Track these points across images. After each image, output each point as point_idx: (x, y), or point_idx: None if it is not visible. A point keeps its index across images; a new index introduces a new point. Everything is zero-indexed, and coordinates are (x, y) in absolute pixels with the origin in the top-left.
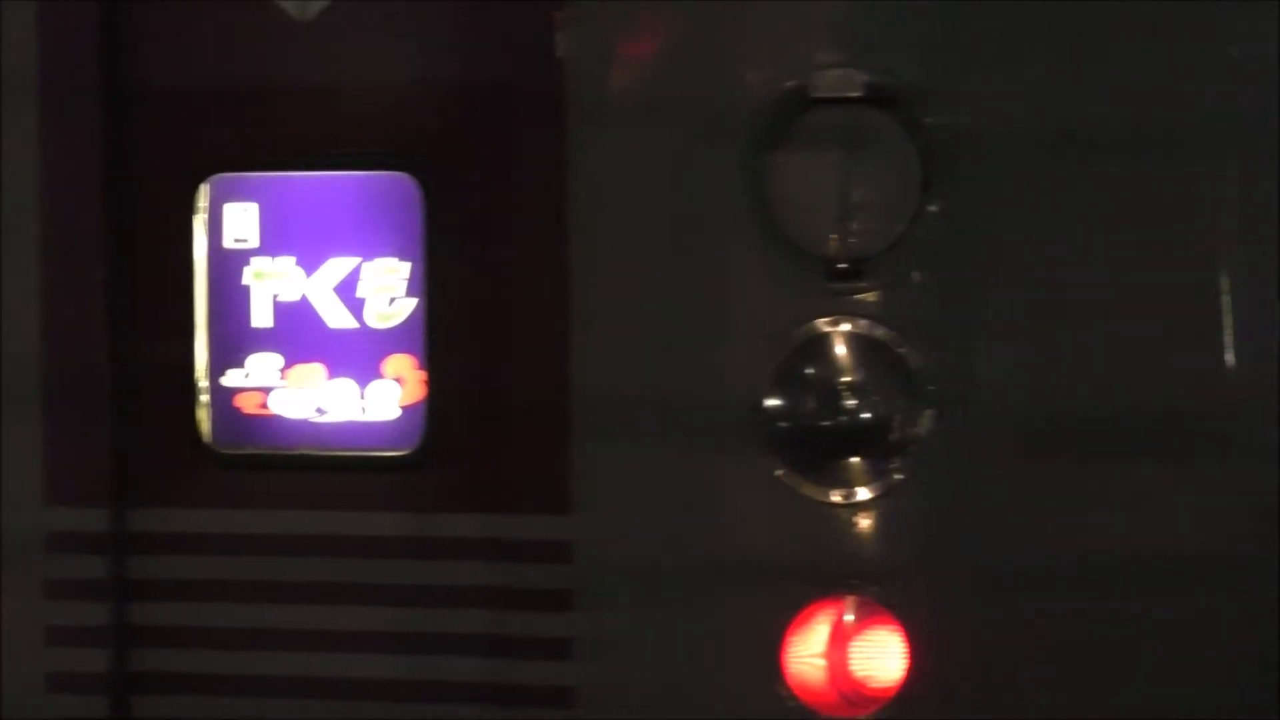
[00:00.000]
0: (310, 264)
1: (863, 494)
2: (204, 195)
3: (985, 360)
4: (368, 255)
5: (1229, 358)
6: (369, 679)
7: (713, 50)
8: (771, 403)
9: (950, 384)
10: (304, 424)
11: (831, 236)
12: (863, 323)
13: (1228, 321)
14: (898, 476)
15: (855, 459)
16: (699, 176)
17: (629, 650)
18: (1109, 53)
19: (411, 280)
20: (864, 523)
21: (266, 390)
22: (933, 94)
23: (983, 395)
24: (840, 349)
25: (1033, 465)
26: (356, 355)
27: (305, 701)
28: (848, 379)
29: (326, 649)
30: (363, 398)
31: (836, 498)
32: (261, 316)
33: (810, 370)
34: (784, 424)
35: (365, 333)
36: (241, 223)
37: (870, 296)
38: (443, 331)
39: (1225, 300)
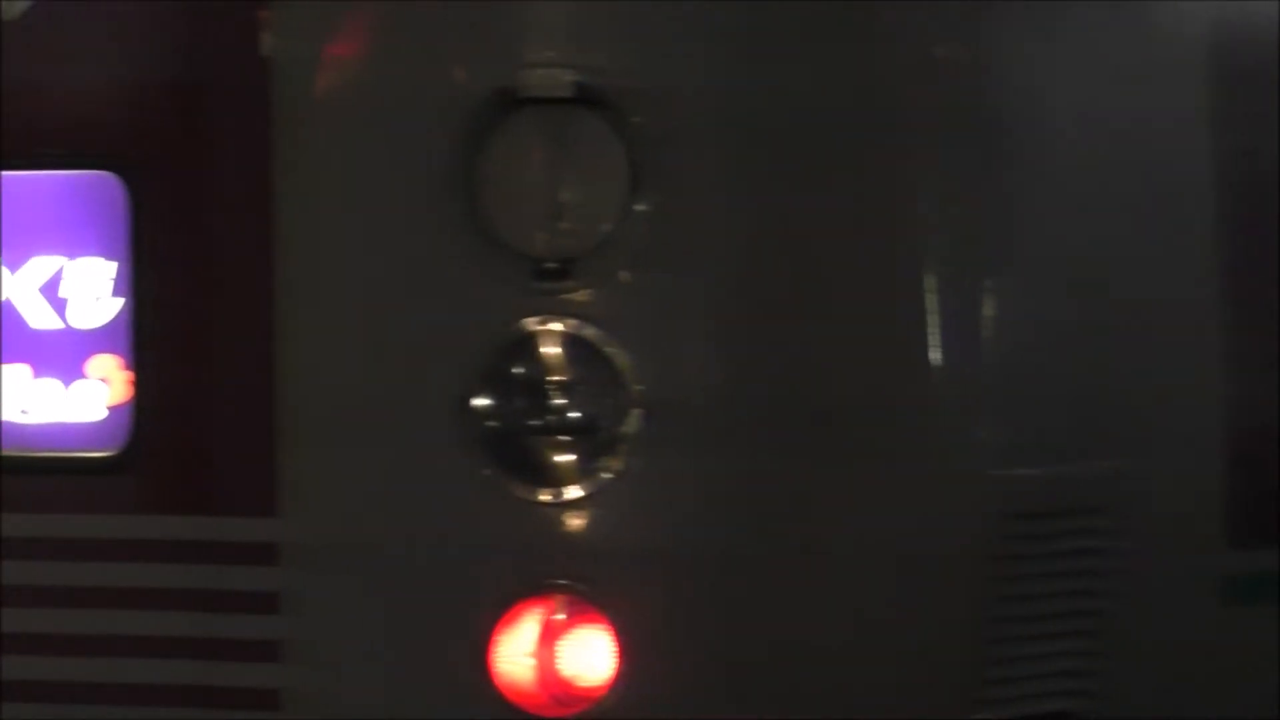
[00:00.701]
0: (13, 263)
1: (572, 493)
2: None
3: (694, 359)
4: (72, 254)
5: (935, 355)
6: (73, 682)
7: (421, 50)
8: (479, 402)
9: (659, 383)
10: (9, 426)
11: (539, 236)
12: (571, 322)
13: (934, 320)
14: (606, 475)
15: (563, 458)
16: (407, 176)
17: (337, 652)
18: (816, 53)
19: (118, 280)
20: (573, 521)
21: None
22: (641, 94)
23: (692, 394)
24: (548, 348)
25: (742, 463)
26: (61, 356)
27: (8, 705)
28: (555, 378)
29: (31, 652)
30: (68, 399)
31: (545, 497)
32: None
33: (518, 370)
34: (492, 423)
35: (70, 333)
36: None
37: (578, 296)
38: (148, 331)
39: (932, 298)
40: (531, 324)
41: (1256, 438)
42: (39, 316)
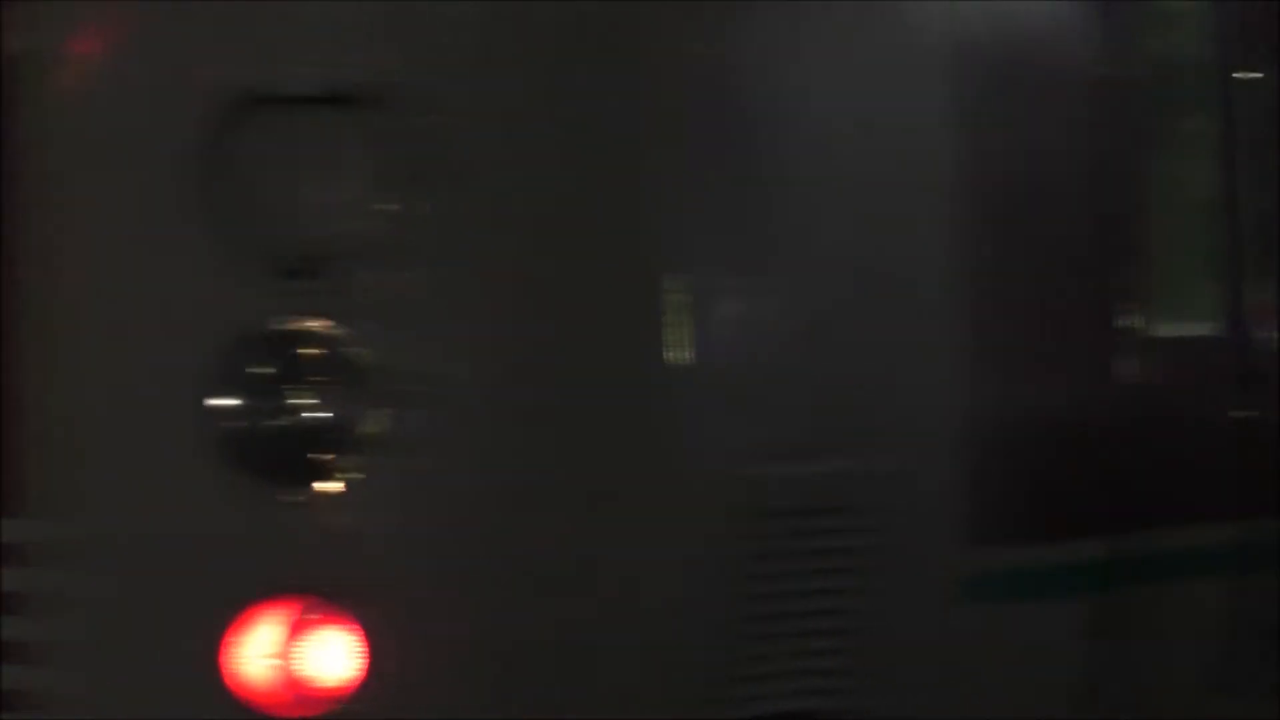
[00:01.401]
0: None
1: (315, 493)
2: None
3: (441, 359)
4: None
5: (683, 354)
6: None
7: (167, 47)
8: (221, 402)
9: (404, 383)
10: None
11: (284, 235)
12: (315, 322)
13: (682, 319)
14: (351, 475)
15: (308, 458)
16: (150, 175)
17: (81, 655)
18: (567, 53)
19: None
20: (317, 522)
21: None
22: (391, 93)
23: (438, 393)
24: (291, 348)
25: (489, 463)
26: None
27: None
28: (299, 378)
29: None
30: None
31: (289, 497)
32: None
33: (261, 369)
34: (234, 423)
35: None
36: None
37: (323, 295)
38: None
39: (681, 298)
40: (275, 323)
41: (997, 436)
42: None
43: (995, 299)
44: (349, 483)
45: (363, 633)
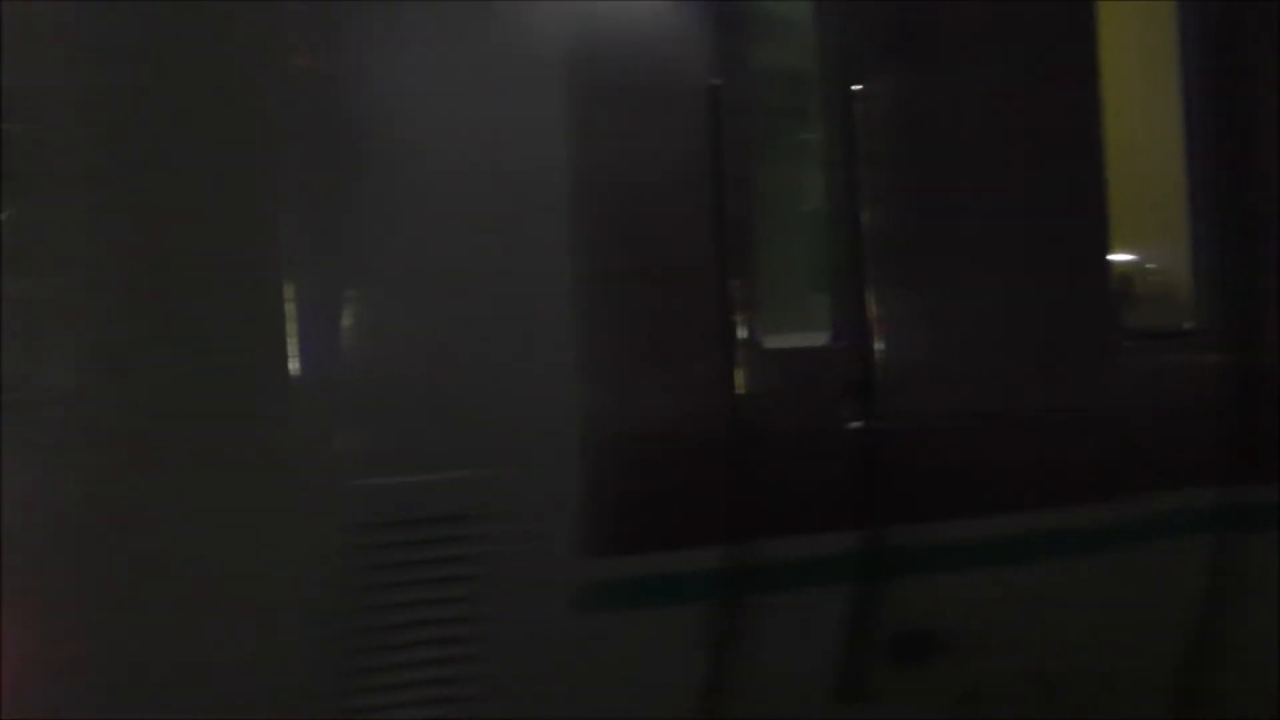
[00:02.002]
0: None
1: None
2: None
3: (50, 363)
4: None
5: (293, 365)
6: None
7: None
8: None
9: (13, 386)
10: None
11: None
12: None
13: (292, 329)
14: None
15: None
16: None
17: None
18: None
19: None
20: None
21: None
22: None
23: (48, 398)
24: None
25: (97, 470)
26: None
27: None
28: None
29: None
30: None
31: None
32: None
33: None
34: None
35: None
36: None
37: None
38: None
39: (291, 308)
40: None
41: (612, 450)
42: None
43: (610, 309)
44: None
45: None
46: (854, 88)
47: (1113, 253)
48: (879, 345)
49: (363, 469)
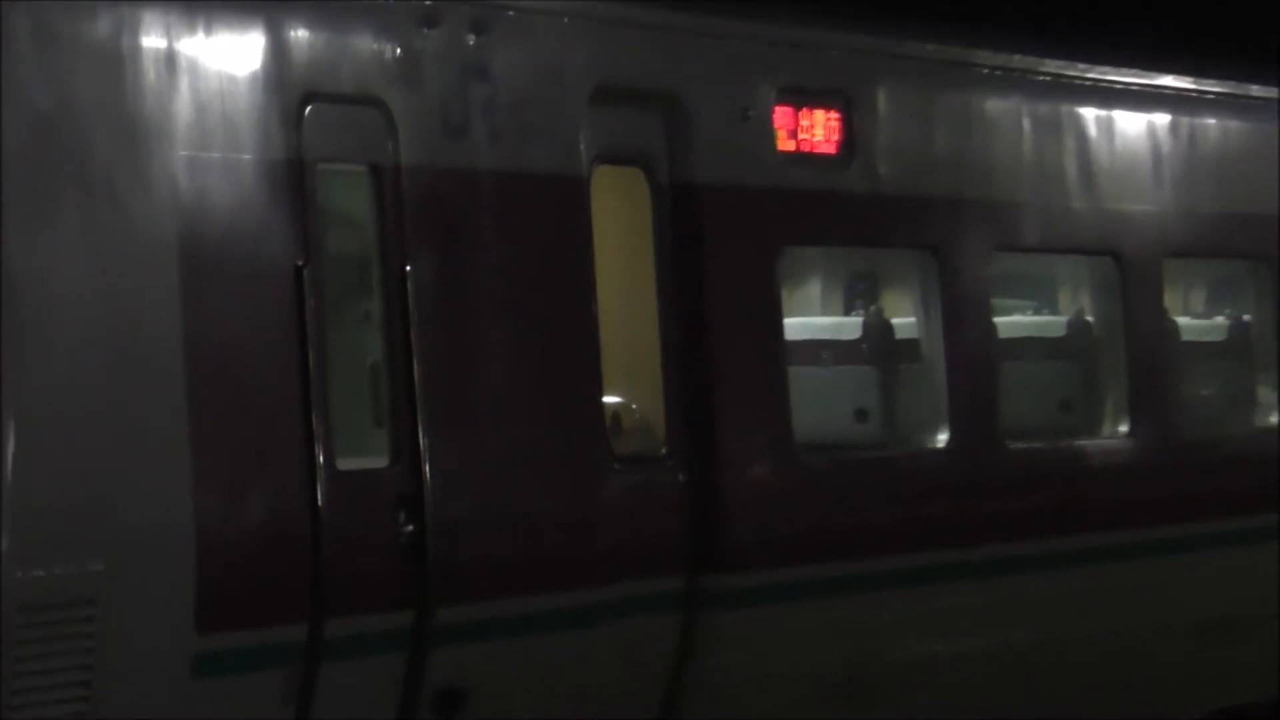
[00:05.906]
0: None
1: None
2: None
3: None
4: None
5: None
6: None
7: None
8: None
9: None
10: None
11: None
12: None
13: None
14: None
15: None
16: None
17: None
18: None
19: None
20: None
21: None
22: None
23: None
24: None
25: None
26: None
27: None
28: None
29: None
30: None
31: None
32: None
33: None
34: None
35: None
36: None
37: None
38: None
39: None
40: None
41: (220, 546)
42: None
43: (218, 438)
44: None
45: None
46: (406, 268)
47: (604, 395)
48: (426, 466)
49: (19, 562)
